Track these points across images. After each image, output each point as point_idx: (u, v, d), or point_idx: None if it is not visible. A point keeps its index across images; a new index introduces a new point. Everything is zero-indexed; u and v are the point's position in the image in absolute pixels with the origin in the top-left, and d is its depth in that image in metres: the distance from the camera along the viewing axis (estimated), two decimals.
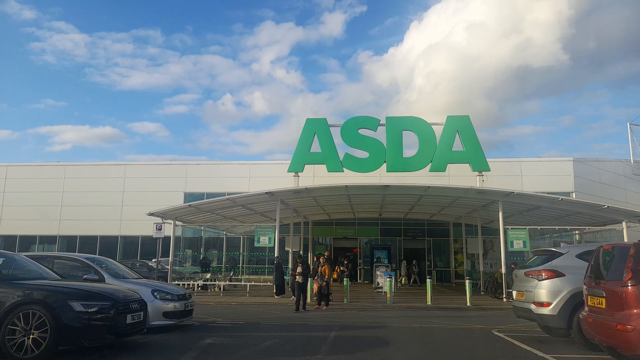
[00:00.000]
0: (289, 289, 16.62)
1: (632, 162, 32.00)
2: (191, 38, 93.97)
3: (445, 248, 28.85)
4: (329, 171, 19.51)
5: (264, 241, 18.09)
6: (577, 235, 23.63)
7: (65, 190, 30.86)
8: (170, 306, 8.70)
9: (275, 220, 18.31)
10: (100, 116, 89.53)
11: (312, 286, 15.28)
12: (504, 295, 16.75)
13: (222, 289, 19.86)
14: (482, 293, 19.79)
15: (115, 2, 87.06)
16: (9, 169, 32.07)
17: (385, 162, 19.16)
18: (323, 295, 14.29)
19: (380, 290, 19.89)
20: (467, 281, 16.01)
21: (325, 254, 18.74)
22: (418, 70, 71.86)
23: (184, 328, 9.24)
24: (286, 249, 23.83)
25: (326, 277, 14.44)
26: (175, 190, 29.35)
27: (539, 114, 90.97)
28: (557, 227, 19.02)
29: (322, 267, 14.61)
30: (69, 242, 30.52)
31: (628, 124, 33.08)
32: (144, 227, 18.92)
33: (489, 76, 71.14)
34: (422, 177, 20.32)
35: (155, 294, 8.64)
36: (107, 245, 29.94)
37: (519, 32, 66.64)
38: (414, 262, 26.73)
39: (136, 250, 29.62)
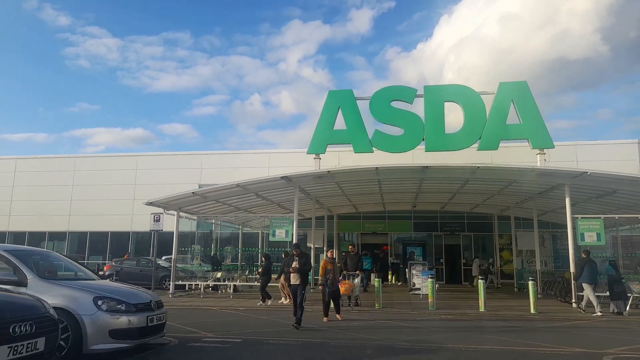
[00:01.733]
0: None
1: None
2: (219, 39, 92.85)
3: (488, 244, 25.51)
4: (356, 151, 16.50)
5: (280, 235, 15.75)
6: None
7: (75, 183, 29.08)
8: (121, 321, 5.83)
9: (293, 211, 15.58)
10: (132, 118, 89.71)
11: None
12: (574, 300, 13.65)
13: (232, 290, 17.25)
14: (539, 296, 16.59)
15: (146, 6, 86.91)
16: (18, 162, 30.46)
17: (423, 139, 16.02)
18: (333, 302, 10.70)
19: (417, 292, 16.88)
20: (530, 283, 12.89)
21: (350, 248, 15.93)
22: (448, 65, 68.17)
23: (149, 350, 6.43)
24: (308, 245, 21.16)
25: (330, 276, 10.44)
26: (189, 183, 27.01)
27: (575, 107, 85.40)
28: None
29: (333, 262, 10.74)
30: (80, 239, 28.80)
31: None
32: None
33: (523, 69, 66.54)
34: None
35: (100, 302, 5.80)
36: (119, 241, 28.09)
37: (555, 23, 62.11)
38: (490, 260, 23.24)
39: (149, 247, 27.60)
